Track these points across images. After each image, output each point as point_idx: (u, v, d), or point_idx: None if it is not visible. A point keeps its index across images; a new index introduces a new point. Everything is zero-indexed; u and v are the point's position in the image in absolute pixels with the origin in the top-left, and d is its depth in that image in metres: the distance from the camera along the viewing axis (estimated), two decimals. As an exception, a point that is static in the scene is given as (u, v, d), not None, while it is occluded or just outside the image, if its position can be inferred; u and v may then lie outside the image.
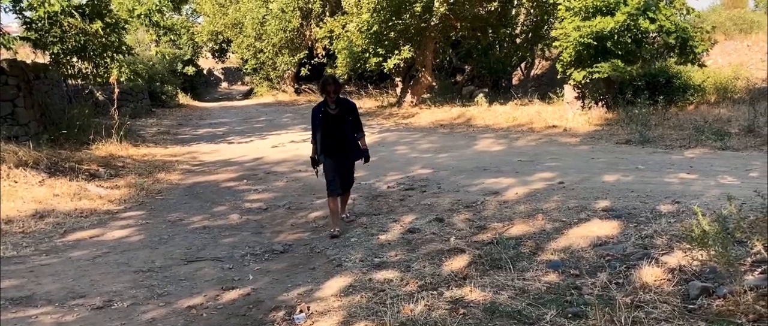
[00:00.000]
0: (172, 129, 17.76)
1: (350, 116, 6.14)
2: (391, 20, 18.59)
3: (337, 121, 6.08)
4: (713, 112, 13.83)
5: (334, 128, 6.08)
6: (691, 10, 15.21)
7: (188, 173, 10.15)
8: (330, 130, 6.07)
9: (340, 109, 6.10)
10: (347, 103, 6.26)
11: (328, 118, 6.05)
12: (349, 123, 6.13)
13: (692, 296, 3.79)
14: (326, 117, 6.05)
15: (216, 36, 32.44)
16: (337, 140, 6.11)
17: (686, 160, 9.38)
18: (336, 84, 6.09)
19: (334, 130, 6.08)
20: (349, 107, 6.21)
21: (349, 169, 6.34)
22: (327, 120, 6.05)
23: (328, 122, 6.06)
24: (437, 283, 4.42)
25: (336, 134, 6.09)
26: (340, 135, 6.11)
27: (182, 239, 6.14)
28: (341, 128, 6.10)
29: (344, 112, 6.12)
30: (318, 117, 6.07)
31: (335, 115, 6.07)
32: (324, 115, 6.05)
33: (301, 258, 5.39)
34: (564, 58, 14.84)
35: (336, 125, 6.08)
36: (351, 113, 6.17)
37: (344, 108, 6.15)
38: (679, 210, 5.89)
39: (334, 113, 6.06)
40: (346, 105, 6.20)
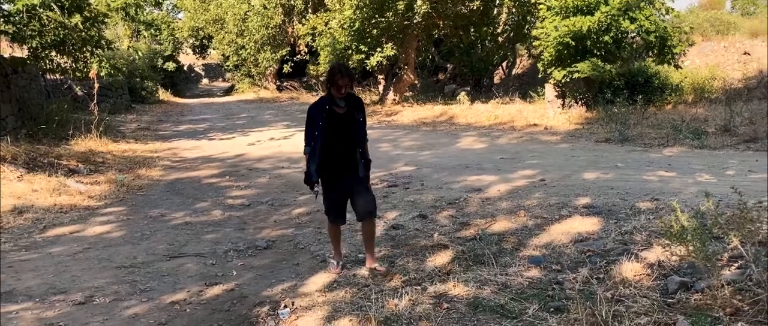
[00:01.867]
0: (153, 125, 17.59)
1: (360, 116, 4.66)
2: (374, 17, 18.61)
3: (346, 123, 4.54)
4: (691, 112, 14.05)
5: (342, 133, 4.53)
6: (671, 10, 15.45)
7: (169, 169, 10.07)
8: (337, 136, 4.51)
9: (349, 106, 4.58)
10: (355, 97, 4.72)
11: (336, 119, 4.50)
12: (359, 125, 4.63)
13: (671, 290, 3.87)
14: (333, 118, 4.49)
15: (197, 32, 32.16)
16: (346, 150, 4.56)
17: (664, 158, 9.53)
18: (350, 75, 4.54)
19: (342, 136, 4.53)
20: (359, 104, 4.70)
21: (364, 187, 4.66)
22: (333, 122, 4.49)
23: (335, 125, 4.50)
24: (421, 279, 4.46)
25: (345, 141, 4.55)
26: (349, 142, 4.57)
27: (164, 235, 6.10)
28: (351, 133, 4.58)
29: (354, 110, 4.61)
30: (320, 118, 4.48)
31: (344, 116, 4.53)
32: (328, 115, 4.48)
33: (284, 253, 5.38)
34: (545, 57, 14.99)
35: (345, 129, 4.54)
36: (361, 111, 4.68)
37: (353, 105, 4.62)
38: (658, 207, 5.99)
39: (342, 113, 4.53)
40: (354, 101, 4.66)
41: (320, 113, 4.51)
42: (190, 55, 39.28)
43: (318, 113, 4.53)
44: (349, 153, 4.58)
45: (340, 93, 4.48)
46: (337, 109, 4.54)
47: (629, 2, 13.93)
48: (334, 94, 4.51)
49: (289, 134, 14.64)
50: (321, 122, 4.49)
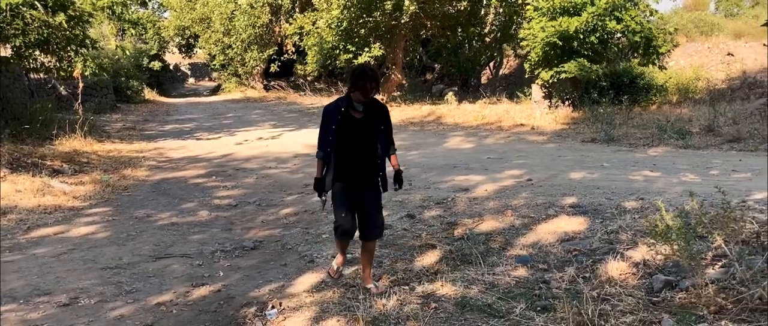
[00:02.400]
0: (138, 125, 17.46)
1: (382, 124, 4.20)
2: (362, 17, 18.60)
3: (363, 130, 4.13)
4: (675, 112, 14.19)
5: (358, 140, 4.12)
6: (655, 12, 15.61)
7: (155, 169, 10.00)
8: (351, 142, 4.11)
9: (369, 112, 4.14)
10: (378, 104, 4.26)
11: (351, 124, 4.09)
12: (380, 134, 4.18)
13: (656, 289, 3.91)
14: (348, 122, 4.09)
15: (183, 31, 31.96)
16: (361, 159, 4.15)
17: (650, 158, 9.61)
18: (377, 80, 4.14)
19: (358, 142, 4.13)
20: (381, 111, 4.24)
21: (376, 205, 4.28)
22: (349, 127, 4.09)
23: (351, 130, 4.10)
24: (409, 278, 4.46)
25: (360, 149, 4.14)
26: (366, 151, 4.16)
27: (150, 236, 6.06)
28: (369, 141, 4.15)
29: (374, 117, 4.15)
30: (334, 121, 4.10)
31: (361, 121, 4.11)
32: (344, 118, 4.08)
33: (272, 254, 5.37)
34: (532, 57, 15.08)
35: (362, 135, 4.13)
36: (383, 119, 4.21)
37: (374, 111, 4.17)
38: (643, 206, 6.04)
39: (359, 118, 4.11)
40: (376, 107, 4.20)
41: (334, 116, 4.11)
42: (176, 55, 39.03)
43: (332, 116, 4.12)
44: (364, 163, 4.14)
45: (365, 97, 4.07)
46: (354, 113, 4.10)
47: (616, 3, 14.05)
48: (354, 96, 4.09)
49: (277, 134, 14.60)
50: (334, 125, 4.09)
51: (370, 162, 4.17)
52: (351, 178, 4.16)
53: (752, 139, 10.61)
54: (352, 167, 4.15)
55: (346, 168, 4.14)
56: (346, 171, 4.15)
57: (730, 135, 11.12)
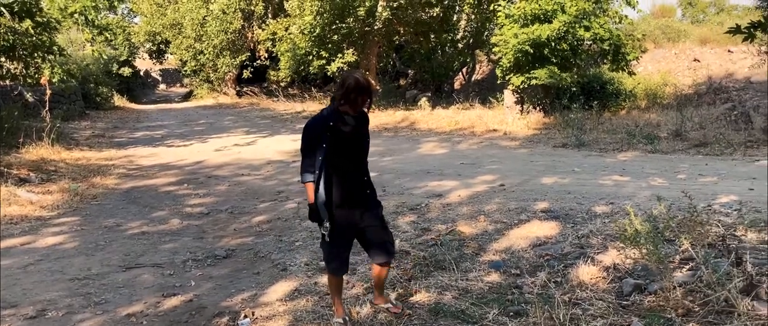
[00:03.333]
0: (108, 132, 17.16)
1: (367, 135, 3.81)
2: (335, 23, 18.61)
3: (355, 144, 3.69)
4: (644, 117, 14.45)
5: (351, 157, 3.67)
6: (624, 18, 15.91)
7: (125, 177, 9.84)
8: (345, 160, 3.65)
9: (358, 124, 3.69)
10: (362, 113, 3.77)
11: (342, 139, 3.62)
12: (367, 144, 3.81)
13: (625, 293, 3.97)
14: (338, 138, 3.60)
15: (154, 36, 31.54)
16: (355, 177, 3.71)
17: (619, 162, 9.77)
18: (371, 94, 3.68)
19: (350, 160, 3.68)
20: (365, 120, 3.79)
21: (381, 222, 3.85)
22: (340, 143, 3.61)
23: (342, 147, 3.63)
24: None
25: (354, 166, 3.70)
26: (359, 167, 3.74)
27: (120, 245, 5.95)
28: (361, 155, 3.76)
29: (361, 128, 3.73)
30: (323, 138, 3.59)
31: (352, 134, 3.66)
32: (334, 135, 3.59)
33: (244, 263, 5.32)
34: (503, 63, 15.23)
35: (354, 151, 3.69)
36: (366, 128, 3.81)
37: (360, 123, 3.72)
38: (613, 210, 6.14)
39: (349, 131, 3.64)
40: (361, 117, 3.74)
41: (323, 132, 3.58)
42: (147, 60, 38.49)
43: (320, 132, 3.59)
44: (359, 180, 3.71)
45: (355, 110, 3.62)
46: (344, 128, 3.61)
47: (585, 10, 14.29)
48: (343, 109, 3.60)
49: (250, 140, 14.50)
50: (325, 143, 3.58)
51: (362, 179, 3.74)
52: (349, 200, 3.67)
53: (718, 144, 10.86)
54: (349, 187, 3.67)
55: (343, 190, 3.64)
56: (344, 193, 3.64)
57: (696, 139, 11.37)
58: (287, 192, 8.22)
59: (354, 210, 3.70)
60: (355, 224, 3.72)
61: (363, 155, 3.77)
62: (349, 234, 3.75)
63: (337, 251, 3.73)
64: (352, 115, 3.63)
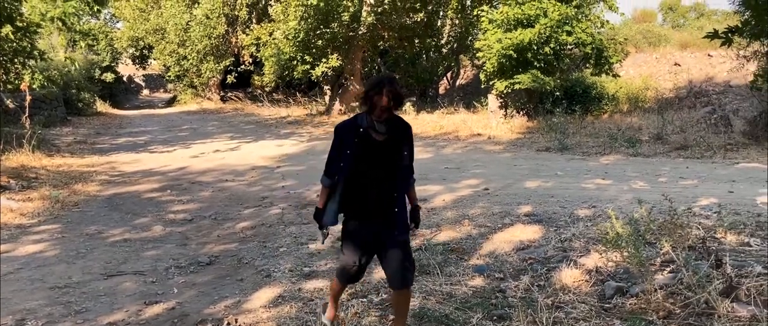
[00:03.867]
0: (90, 138, 16.98)
1: (406, 148, 3.43)
2: (319, 28, 18.60)
3: (384, 155, 3.37)
4: (626, 121, 14.61)
5: (378, 168, 3.36)
6: (606, 22, 16.09)
7: (107, 184, 9.74)
8: (371, 170, 3.35)
9: (392, 133, 3.38)
10: (401, 123, 3.45)
11: (371, 148, 3.34)
12: (403, 159, 3.43)
13: (608, 295, 4.00)
14: (367, 146, 3.34)
15: (136, 42, 31.31)
16: (380, 191, 3.38)
17: (601, 166, 9.86)
18: (396, 94, 3.25)
19: (378, 170, 3.36)
20: (406, 131, 3.45)
21: (404, 246, 3.46)
22: (368, 152, 3.34)
23: (369, 156, 3.35)
24: (367, 291, 4.46)
25: (380, 179, 3.37)
26: (386, 181, 3.38)
27: (101, 253, 5.89)
28: (390, 169, 3.39)
29: (397, 138, 3.40)
30: (350, 144, 3.34)
31: (383, 145, 3.36)
32: (363, 141, 3.33)
33: (228, 269, 5.28)
34: (487, 68, 15.32)
35: (382, 162, 3.37)
36: (407, 142, 3.44)
37: (397, 132, 3.40)
38: (596, 214, 6.20)
39: (380, 140, 3.35)
40: (399, 127, 3.42)
41: (351, 137, 3.34)
42: (130, 66, 38.20)
43: (348, 136, 3.35)
44: (384, 195, 3.37)
45: (379, 116, 3.26)
46: (375, 135, 3.34)
47: (567, 15, 14.42)
48: (370, 112, 3.29)
49: (234, 146, 14.43)
50: (350, 150, 3.33)
51: (388, 195, 3.38)
52: (368, 214, 3.38)
53: (698, 147, 11.00)
54: (370, 201, 3.36)
55: (363, 201, 3.36)
56: (361, 205, 3.38)
57: (677, 143, 11.51)
58: (271, 197, 8.19)
59: (370, 222, 3.39)
60: (372, 238, 3.40)
61: (393, 169, 3.38)
62: (362, 245, 3.42)
63: (351, 264, 3.46)
64: (383, 120, 3.27)
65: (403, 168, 3.43)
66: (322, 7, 17.77)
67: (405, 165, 3.44)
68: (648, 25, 26.22)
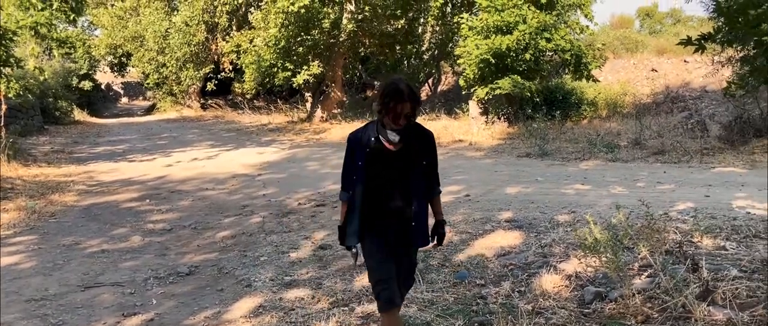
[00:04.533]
0: (67, 147, 16.75)
1: (426, 157, 3.19)
2: (300, 35, 18.58)
3: (400, 166, 3.13)
4: (605, 126, 14.77)
5: (392, 179, 3.14)
6: (585, 28, 16.29)
7: (85, 194, 9.61)
8: (384, 182, 3.13)
9: (408, 142, 3.12)
10: (421, 130, 3.20)
11: (384, 158, 3.12)
12: (421, 170, 3.18)
13: (587, 301, 4.03)
14: (379, 156, 3.12)
15: (115, 49, 31.02)
16: (395, 203, 3.15)
17: (581, 171, 9.95)
18: (414, 98, 3.03)
19: (391, 182, 3.14)
20: (425, 139, 3.20)
21: (410, 269, 3.34)
22: (380, 162, 3.12)
23: (383, 167, 3.13)
24: (349, 299, 4.45)
25: (394, 191, 3.14)
26: (402, 193, 3.15)
27: (79, 264, 5.80)
28: (407, 180, 3.15)
29: (415, 148, 3.15)
30: (361, 154, 3.14)
31: (398, 154, 3.12)
32: (374, 151, 3.11)
33: (208, 279, 5.24)
34: (468, 74, 15.40)
35: (398, 173, 3.13)
36: (427, 151, 3.21)
37: (415, 140, 3.15)
38: (575, 219, 6.24)
39: (395, 150, 3.11)
40: (419, 135, 3.18)
41: (362, 147, 3.13)
42: (108, 74, 37.76)
43: (359, 147, 3.14)
44: (398, 208, 3.14)
45: (397, 122, 3.02)
46: (388, 145, 3.09)
47: (546, 22, 14.57)
48: (387, 122, 3.06)
49: (214, 154, 14.33)
50: (361, 161, 3.12)
51: (404, 207, 3.14)
52: (383, 230, 3.15)
53: (675, 152, 11.16)
54: (385, 215, 3.14)
55: (377, 216, 3.13)
56: (378, 219, 3.14)
57: (655, 148, 11.66)
58: (252, 206, 8.15)
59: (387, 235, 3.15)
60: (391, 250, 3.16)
61: (409, 179, 3.12)
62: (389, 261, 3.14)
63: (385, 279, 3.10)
64: (397, 128, 3.04)
65: (421, 178, 3.17)
66: (302, 15, 17.76)
67: (424, 175, 3.18)
68: (625, 31, 26.57)
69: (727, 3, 3.85)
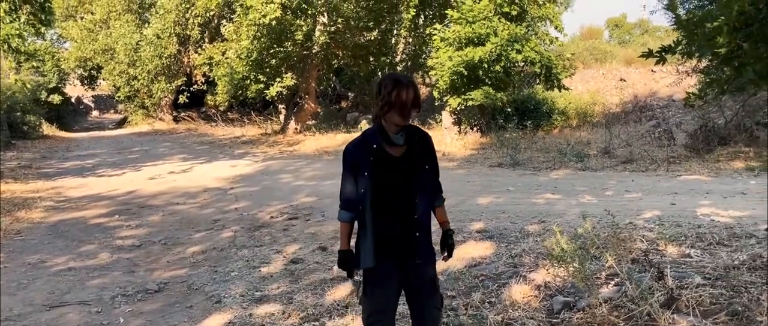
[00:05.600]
0: (35, 162, 16.43)
1: (428, 161, 2.92)
2: (272, 47, 18.55)
3: (406, 173, 2.84)
4: (575, 135, 14.99)
5: (399, 189, 2.84)
6: (555, 39, 16.56)
7: (52, 210, 9.43)
8: (391, 192, 2.83)
9: (411, 145, 2.86)
10: (419, 132, 2.93)
11: (389, 166, 2.83)
12: (425, 176, 2.91)
13: (556, 310, 4.07)
14: (384, 165, 2.82)
15: (85, 62, 30.59)
16: (403, 217, 2.85)
17: (551, 180, 10.07)
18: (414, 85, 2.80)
19: (398, 192, 2.84)
20: (425, 142, 2.93)
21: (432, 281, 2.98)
22: (386, 171, 2.82)
23: (389, 176, 2.82)
24: (320, 314, 4.42)
25: (402, 203, 2.84)
26: (410, 204, 2.85)
27: (44, 283, 5.68)
28: (413, 188, 2.86)
29: (416, 150, 2.88)
30: (365, 165, 2.81)
31: (403, 160, 2.84)
32: (379, 160, 2.82)
33: (177, 296, 5.17)
34: (440, 85, 15.53)
35: (404, 181, 2.84)
36: (428, 154, 2.93)
37: (417, 143, 2.89)
38: (545, 228, 6.31)
39: (399, 156, 2.84)
40: (419, 137, 2.91)
41: (365, 157, 2.81)
42: (78, 87, 37.20)
43: (361, 157, 2.83)
44: (407, 222, 2.84)
45: (404, 114, 2.75)
46: (391, 150, 2.82)
47: (517, 34, 14.77)
48: (388, 122, 2.79)
49: (186, 167, 14.18)
50: (367, 172, 2.80)
51: (411, 221, 2.85)
52: (391, 248, 2.84)
53: (643, 160, 11.36)
54: (393, 231, 2.83)
55: (385, 234, 2.82)
56: (385, 238, 2.83)
57: (623, 156, 11.86)
58: (224, 220, 8.08)
59: (397, 260, 2.86)
60: (399, 277, 2.89)
61: (412, 188, 2.84)
62: (391, 289, 2.90)
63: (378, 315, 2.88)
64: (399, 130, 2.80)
65: (426, 184, 2.90)
66: (274, 27, 17.74)
67: (429, 182, 2.93)
68: (595, 41, 27.08)
69: (687, 16, 3.96)
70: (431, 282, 2.96)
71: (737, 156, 11.26)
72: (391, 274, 2.86)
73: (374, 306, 2.87)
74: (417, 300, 2.96)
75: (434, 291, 2.98)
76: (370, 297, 2.87)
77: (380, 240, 2.82)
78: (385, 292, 2.87)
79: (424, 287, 2.94)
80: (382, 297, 2.86)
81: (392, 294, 2.90)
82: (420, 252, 2.87)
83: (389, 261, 2.84)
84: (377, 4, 19.92)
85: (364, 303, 2.90)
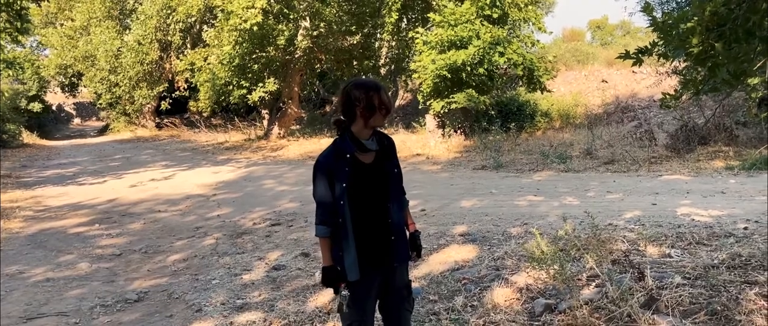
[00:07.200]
0: (14, 172, 16.20)
1: (394, 165, 2.96)
2: (255, 52, 18.47)
3: (377, 178, 2.87)
4: (558, 137, 15.07)
5: (374, 196, 2.85)
6: (536, 42, 16.66)
7: (31, 220, 9.29)
8: (367, 200, 2.83)
9: (381, 149, 2.90)
10: (384, 137, 2.96)
11: (363, 174, 2.82)
12: (394, 179, 2.94)
13: (537, 313, 4.07)
14: (359, 173, 2.81)
15: (65, 69, 30.25)
16: (379, 224, 2.86)
17: (534, 182, 10.11)
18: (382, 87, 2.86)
19: (373, 199, 2.85)
20: (391, 145, 2.97)
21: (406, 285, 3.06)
22: (362, 179, 2.82)
23: (365, 184, 2.82)
24: (302, 321, 4.39)
25: (378, 210, 2.86)
26: (384, 209, 2.88)
27: (21, 294, 5.58)
28: (385, 194, 2.89)
29: (386, 156, 2.92)
30: (342, 175, 2.78)
31: (373, 166, 2.86)
32: (353, 169, 2.80)
33: (157, 305, 5.10)
34: (424, 89, 15.56)
35: (378, 187, 2.87)
36: (394, 157, 2.98)
37: (385, 149, 2.93)
38: (527, 231, 6.33)
39: (369, 162, 2.86)
40: (386, 142, 2.95)
41: (341, 167, 2.78)
42: (59, 94, 36.79)
43: (337, 167, 2.78)
44: (383, 227, 2.86)
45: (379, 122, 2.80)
46: (363, 158, 2.82)
47: (499, 37, 14.84)
48: (358, 128, 2.81)
49: (169, 174, 14.06)
50: (344, 183, 2.76)
51: (389, 222, 2.88)
52: (373, 258, 2.84)
53: (625, 161, 11.45)
54: (372, 240, 2.84)
55: (367, 241, 2.82)
56: (366, 248, 2.82)
57: (605, 157, 11.95)
58: (206, 227, 8.01)
59: (377, 268, 2.87)
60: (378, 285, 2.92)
61: (388, 193, 2.87)
62: (372, 297, 2.92)
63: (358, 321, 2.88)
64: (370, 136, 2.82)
65: (397, 188, 2.94)
66: (256, 32, 17.66)
67: (398, 186, 2.95)
68: (577, 43, 27.29)
69: (662, 18, 3.99)
70: (406, 285, 3.02)
71: (717, 155, 11.39)
72: (374, 283, 2.88)
73: (356, 315, 2.86)
74: (392, 302, 3.00)
75: (408, 293, 3.03)
76: (352, 308, 2.84)
77: (362, 251, 2.80)
78: (367, 301, 2.89)
79: (400, 290, 2.99)
80: (363, 306, 2.87)
81: (373, 301, 2.94)
82: (397, 255, 2.90)
83: (372, 271, 2.85)
84: (359, 8, 19.92)
85: (345, 313, 2.86)
